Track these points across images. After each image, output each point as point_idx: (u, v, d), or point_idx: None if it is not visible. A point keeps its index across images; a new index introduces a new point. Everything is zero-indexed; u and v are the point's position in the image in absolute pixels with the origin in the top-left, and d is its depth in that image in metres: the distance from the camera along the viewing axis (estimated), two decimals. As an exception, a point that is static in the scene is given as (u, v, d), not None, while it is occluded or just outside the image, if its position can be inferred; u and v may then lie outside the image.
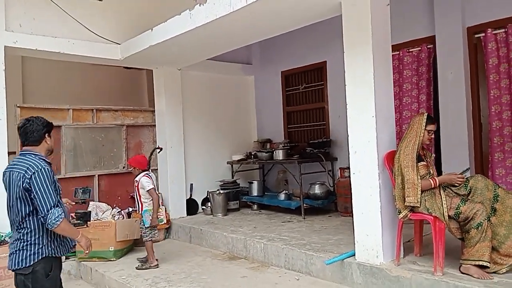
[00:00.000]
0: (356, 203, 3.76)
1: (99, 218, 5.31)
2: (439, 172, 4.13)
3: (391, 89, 3.87)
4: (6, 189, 2.66)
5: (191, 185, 6.69)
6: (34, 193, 2.52)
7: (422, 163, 3.53)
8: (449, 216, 3.25)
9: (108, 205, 5.61)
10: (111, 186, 6.08)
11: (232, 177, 7.05)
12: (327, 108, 6.63)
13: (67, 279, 5.06)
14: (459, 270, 3.25)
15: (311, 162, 6.13)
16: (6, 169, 2.68)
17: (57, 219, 2.52)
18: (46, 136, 2.74)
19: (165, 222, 5.80)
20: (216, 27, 4.56)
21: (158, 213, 4.71)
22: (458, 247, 3.50)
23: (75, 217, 3.22)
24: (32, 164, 2.57)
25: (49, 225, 2.52)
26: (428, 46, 5.26)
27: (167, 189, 6.36)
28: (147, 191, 4.57)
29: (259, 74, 7.79)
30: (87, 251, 2.82)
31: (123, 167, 6.28)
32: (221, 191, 6.50)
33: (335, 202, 6.11)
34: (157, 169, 6.53)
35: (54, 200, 2.55)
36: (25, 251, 2.58)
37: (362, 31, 3.69)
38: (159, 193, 6.08)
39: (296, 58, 7.05)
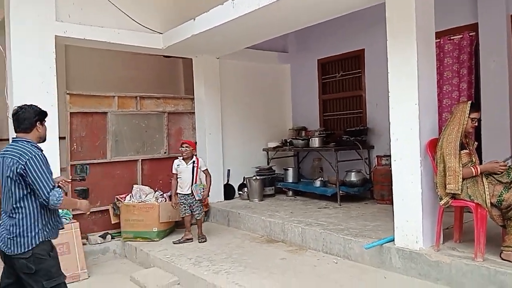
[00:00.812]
0: (397, 189, 3.83)
1: (142, 200, 5.56)
2: (480, 161, 4.12)
3: (434, 77, 3.90)
4: None
5: (228, 170, 6.88)
6: (32, 178, 2.61)
7: (465, 151, 3.56)
8: (491, 204, 3.28)
9: (151, 188, 5.87)
10: (153, 171, 6.33)
11: (268, 164, 7.20)
12: (364, 96, 6.64)
13: (112, 257, 5.38)
14: (500, 256, 3.28)
15: (348, 149, 6.19)
16: None
17: (59, 198, 2.65)
18: (37, 124, 2.81)
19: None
20: (258, 16, 4.65)
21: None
22: (499, 234, 3.53)
23: (76, 193, 3.36)
24: (25, 151, 2.66)
25: (52, 206, 2.65)
26: (470, 34, 5.20)
27: (205, 174, 6.58)
28: (203, 170, 5.25)
29: (295, 62, 7.85)
30: (88, 212, 3.19)
31: (165, 152, 6.52)
32: (257, 177, 6.66)
33: (371, 190, 6.16)
34: (196, 154, 6.73)
35: (52, 182, 2.67)
36: (23, 237, 2.65)
37: (405, 19, 3.72)
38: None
39: (333, 46, 7.06)
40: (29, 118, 2.79)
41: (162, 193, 5.86)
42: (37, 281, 2.67)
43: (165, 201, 5.60)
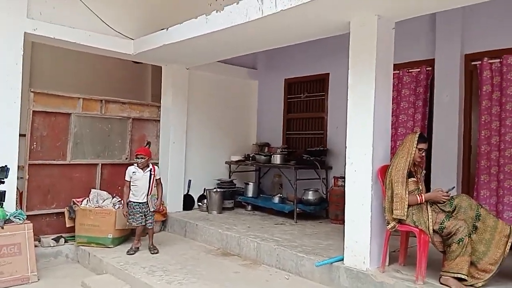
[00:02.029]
0: (349, 211, 4.02)
1: (99, 205, 5.50)
2: (428, 188, 4.40)
3: (389, 108, 4.14)
4: None
5: (189, 181, 6.91)
6: None
7: (413, 179, 3.80)
8: (433, 230, 3.52)
9: (109, 193, 5.81)
10: (112, 176, 6.27)
11: (229, 177, 7.29)
12: (326, 118, 6.90)
13: (64, 261, 5.28)
14: (439, 281, 3.51)
15: (307, 168, 6.38)
16: None
17: None
18: None
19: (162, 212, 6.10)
20: (231, 34, 4.79)
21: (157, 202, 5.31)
22: (439, 260, 3.75)
23: None
24: None
25: None
26: (427, 68, 5.55)
27: (166, 183, 6.54)
28: (157, 179, 5.20)
29: (263, 79, 8.05)
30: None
31: (126, 158, 6.48)
32: (218, 190, 6.73)
33: (326, 209, 6.37)
34: (157, 163, 6.74)
35: None
36: None
37: (367, 50, 3.96)
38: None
39: (300, 68, 7.31)
40: None
41: (120, 199, 5.81)
42: None
43: (122, 208, 5.56)
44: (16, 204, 5.06)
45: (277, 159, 6.66)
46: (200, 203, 6.90)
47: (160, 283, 4.05)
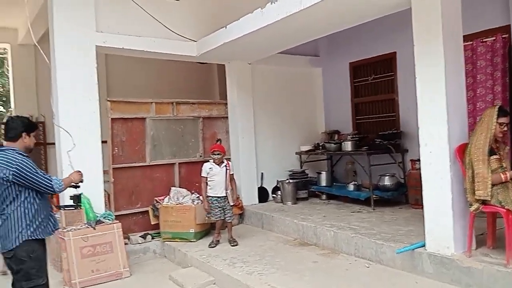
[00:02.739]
0: (427, 195, 3.85)
1: (180, 202, 5.80)
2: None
3: (462, 81, 3.89)
4: None
5: (262, 174, 7.03)
6: (29, 180, 2.88)
7: (495, 156, 3.54)
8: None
9: (187, 190, 6.10)
10: (189, 173, 6.58)
11: (301, 167, 7.29)
12: (397, 99, 6.62)
13: (152, 257, 5.64)
14: None
15: (381, 153, 6.18)
16: None
17: (61, 183, 3.05)
18: (24, 134, 3.02)
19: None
20: (287, 23, 4.77)
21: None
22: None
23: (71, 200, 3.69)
24: (11, 159, 2.87)
25: (58, 191, 3.05)
26: (503, 36, 5.10)
27: (239, 177, 6.76)
28: (230, 174, 5.33)
29: (326, 65, 7.90)
30: (80, 180, 3.31)
31: (200, 156, 6.76)
32: (290, 181, 6.77)
33: (405, 194, 6.13)
34: (229, 158, 6.94)
35: (47, 175, 2.99)
36: (6, 238, 2.90)
37: (432, 23, 3.74)
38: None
39: (365, 49, 7.07)
40: (16, 128, 3.02)
41: (198, 195, 6.08)
42: (18, 280, 2.93)
43: (201, 203, 5.82)
44: (106, 206, 5.51)
45: (348, 146, 6.52)
46: (274, 195, 6.99)
47: (241, 274, 4.19)
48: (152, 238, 5.77)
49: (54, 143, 5.63)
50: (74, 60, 5.28)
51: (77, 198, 3.63)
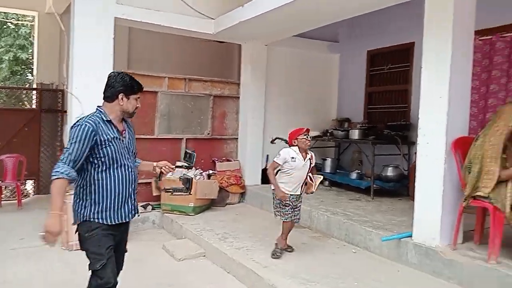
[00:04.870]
0: (419, 185, 3.82)
1: (183, 176, 5.92)
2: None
3: (469, 73, 3.80)
4: None
5: (267, 156, 7.06)
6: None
7: (502, 155, 3.45)
8: (511, 208, 3.19)
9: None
10: (196, 150, 6.66)
11: (308, 153, 7.27)
12: (411, 90, 6.50)
13: (151, 227, 5.80)
14: None
15: (387, 144, 6.11)
16: None
17: (54, 173, 2.29)
18: (119, 96, 2.49)
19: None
20: (302, 4, 4.72)
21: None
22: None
23: (180, 181, 3.14)
24: (82, 118, 2.44)
25: (62, 178, 2.30)
26: (525, 32, 4.92)
27: (244, 158, 6.85)
28: (313, 166, 4.15)
29: (345, 52, 7.81)
30: (43, 239, 2.29)
31: (208, 133, 6.85)
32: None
33: (407, 186, 6.06)
34: (237, 138, 7.01)
35: (72, 157, 2.32)
36: (73, 211, 2.53)
37: (443, 12, 3.67)
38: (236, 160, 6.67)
39: (384, 38, 6.94)
40: (113, 87, 2.51)
41: (202, 171, 6.19)
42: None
43: (203, 179, 5.93)
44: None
45: (355, 134, 6.47)
46: (278, 178, 7.02)
47: (229, 248, 4.29)
48: (153, 209, 5.93)
49: (66, 112, 5.77)
50: (92, 29, 5.37)
51: (188, 182, 3.09)
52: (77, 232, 2.52)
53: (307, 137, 3.94)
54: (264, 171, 7.01)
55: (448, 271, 3.42)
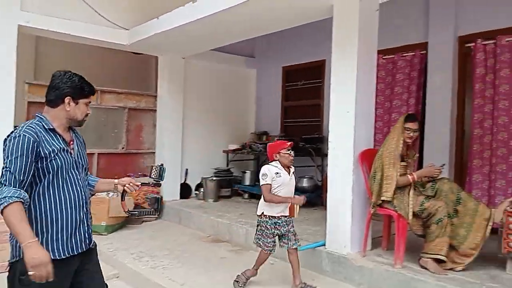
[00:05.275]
0: (330, 196, 4.00)
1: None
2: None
3: (373, 90, 4.09)
4: None
5: (186, 170, 6.96)
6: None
7: (402, 163, 3.74)
8: (413, 213, 3.47)
9: (104, 182, 5.89)
10: (109, 165, 6.38)
11: (227, 166, 7.31)
12: (323, 105, 6.83)
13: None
14: (419, 263, 3.47)
15: (302, 156, 6.33)
16: None
17: (1, 201, 1.79)
18: (66, 99, 2.05)
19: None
20: (216, 20, 4.78)
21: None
22: (422, 245, 3.70)
23: (147, 202, 2.58)
24: (19, 128, 1.98)
25: None
26: (421, 52, 5.42)
27: (163, 172, 6.66)
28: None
29: (261, 67, 8.01)
30: (35, 277, 1.79)
31: (122, 148, 6.57)
32: (214, 178, 6.76)
33: (321, 196, 6.33)
34: (154, 152, 6.82)
35: (17, 177, 1.86)
36: (11, 244, 1.98)
37: (349, 32, 3.91)
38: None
39: (297, 55, 7.24)
40: (58, 89, 2.06)
41: (116, 192, 5.89)
42: None
43: (116, 196, 5.64)
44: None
45: (272, 147, 6.62)
46: (197, 192, 6.95)
47: (145, 268, 4.12)
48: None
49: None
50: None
51: (157, 203, 2.68)
52: (10, 275, 1.96)
53: (286, 152, 3.59)
54: (184, 185, 6.90)
55: (358, 277, 3.61)
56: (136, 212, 2.70)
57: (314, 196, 6.30)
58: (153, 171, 2.54)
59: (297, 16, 4.59)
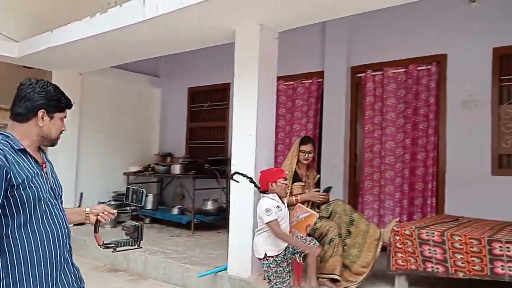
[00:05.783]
0: (232, 218, 3.99)
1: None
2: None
3: (273, 115, 4.20)
4: None
5: (81, 194, 6.48)
6: None
7: (299, 183, 3.87)
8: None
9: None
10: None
11: (128, 189, 6.95)
12: (227, 127, 6.88)
13: None
14: (317, 283, 3.57)
15: (207, 178, 6.28)
16: None
17: None
18: (39, 113, 1.67)
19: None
20: (115, 37, 4.60)
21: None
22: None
23: (124, 231, 2.19)
24: None
25: None
26: (318, 80, 5.75)
27: (54, 196, 6.11)
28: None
29: (166, 87, 7.87)
30: None
31: None
32: (113, 202, 6.38)
33: (226, 219, 6.29)
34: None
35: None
36: None
37: (250, 59, 4.00)
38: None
39: (203, 77, 7.24)
40: (30, 100, 1.66)
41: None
42: None
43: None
44: None
45: (176, 169, 6.48)
46: (93, 217, 6.47)
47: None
48: None
49: None
50: None
51: (136, 232, 2.10)
52: None
53: (282, 182, 3.24)
54: (77, 211, 6.38)
55: (259, 300, 3.60)
56: (113, 245, 2.19)
57: (219, 219, 6.25)
58: (129, 195, 2.21)
59: (201, 38, 4.59)
